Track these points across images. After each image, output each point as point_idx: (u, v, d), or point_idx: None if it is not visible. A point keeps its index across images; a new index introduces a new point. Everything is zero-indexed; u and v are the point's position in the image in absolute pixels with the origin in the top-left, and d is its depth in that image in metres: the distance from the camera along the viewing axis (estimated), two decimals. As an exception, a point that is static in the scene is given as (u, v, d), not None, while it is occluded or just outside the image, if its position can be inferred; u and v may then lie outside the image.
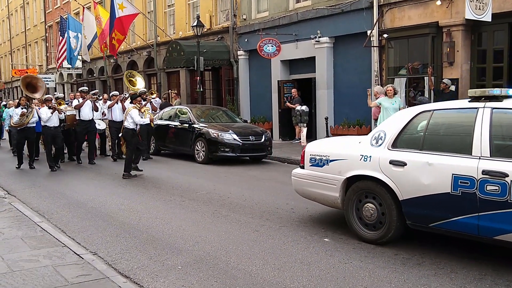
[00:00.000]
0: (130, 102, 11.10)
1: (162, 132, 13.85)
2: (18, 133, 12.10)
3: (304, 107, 14.25)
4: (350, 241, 5.66)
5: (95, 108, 12.83)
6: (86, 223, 6.76)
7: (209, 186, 9.38)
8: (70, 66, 27.47)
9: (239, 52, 18.71)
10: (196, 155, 12.68)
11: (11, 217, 6.86)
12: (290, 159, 12.65)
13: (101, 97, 14.29)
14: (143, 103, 11.53)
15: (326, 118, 14.65)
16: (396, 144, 5.34)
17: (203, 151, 12.49)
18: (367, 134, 6.08)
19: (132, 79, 15.20)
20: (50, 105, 11.58)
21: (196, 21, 17.44)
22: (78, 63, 27.07)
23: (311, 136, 15.76)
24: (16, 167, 11.95)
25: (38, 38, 40.10)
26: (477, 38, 11.57)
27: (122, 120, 13.05)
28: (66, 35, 25.21)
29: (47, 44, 38.19)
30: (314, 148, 6.32)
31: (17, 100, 20.03)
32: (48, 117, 11.46)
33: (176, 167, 11.92)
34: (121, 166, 10.86)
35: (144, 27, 25.02)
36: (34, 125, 11.83)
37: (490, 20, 10.52)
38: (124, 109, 12.93)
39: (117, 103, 13.31)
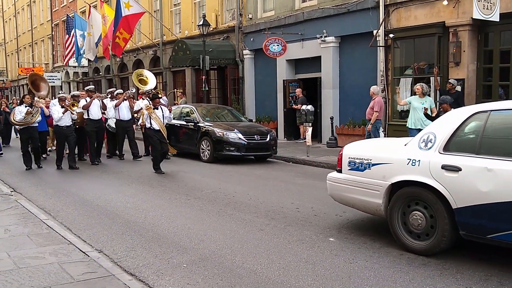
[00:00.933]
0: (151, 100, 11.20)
1: (168, 131, 13.84)
2: (21, 132, 11.82)
3: (309, 107, 14.21)
4: (355, 241, 5.65)
5: (104, 107, 12.62)
6: (92, 221, 6.79)
7: (214, 185, 9.39)
8: (76, 64, 27.56)
9: (245, 52, 18.71)
10: (201, 154, 12.70)
11: (18, 215, 6.90)
12: (295, 159, 12.65)
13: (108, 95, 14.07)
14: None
15: (332, 118, 14.64)
16: (448, 147, 4.92)
17: (208, 150, 12.51)
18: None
19: (142, 77, 14.79)
20: (63, 104, 11.34)
21: (202, 20, 17.45)
22: (84, 62, 27.16)
23: (316, 135, 15.76)
24: (26, 169, 11.43)
25: (45, 36, 40.27)
26: (484, 38, 11.51)
27: (130, 119, 13.05)
28: (73, 33, 25.31)
29: (54, 43, 38.34)
30: (353, 151, 5.88)
31: (16, 98, 20.01)
32: (60, 116, 11.23)
33: (181, 165, 11.93)
34: (127, 165, 10.92)
35: (150, 26, 25.07)
36: (37, 124, 11.63)
37: (498, 20, 10.46)
38: (132, 107, 12.87)
39: (124, 101, 13.05)
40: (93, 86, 13.87)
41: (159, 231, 6.21)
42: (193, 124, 13.12)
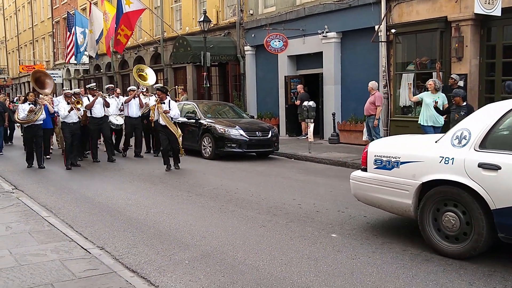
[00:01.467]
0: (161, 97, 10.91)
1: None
2: (25, 131, 11.66)
3: (311, 103, 14.17)
4: (358, 237, 5.63)
5: (107, 104, 12.40)
6: (93, 217, 6.78)
7: (216, 181, 9.38)
8: (76, 62, 27.54)
9: (246, 48, 18.66)
10: (203, 151, 12.68)
11: (19, 212, 6.89)
12: (297, 155, 12.63)
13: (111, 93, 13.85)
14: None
15: (333, 114, 14.60)
16: (485, 144, 4.64)
17: (210, 146, 12.49)
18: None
19: (142, 73, 14.67)
20: (69, 101, 11.15)
21: (202, 17, 17.40)
22: (85, 59, 27.14)
23: (318, 132, 15.73)
24: (28, 167, 11.37)
25: (45, 34, 40.24)
26: (486, 33, 11.45)
27: (139, 116, 12.93)
28: (73, 30, 25.28)
29: (54, 40, 38.31)
30: (380, 148, 5.60)
31: (22, 95, 19.85)
32: (66, 113, 11.04)
33: (183, 162, 11.88)
34: (129, 162, 10.90)
35: (151, 23, 25.02)
36: (41, 122, 11.41)
37: (499, 14, 10.40)
38: (142, 105, 12.79)
39: (134, 98, 12.87)
40: (94, 84, 13.67)
41: (161, 227, 6.20)
42: (194, 121, 13.09)
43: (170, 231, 6.03)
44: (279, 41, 15.54)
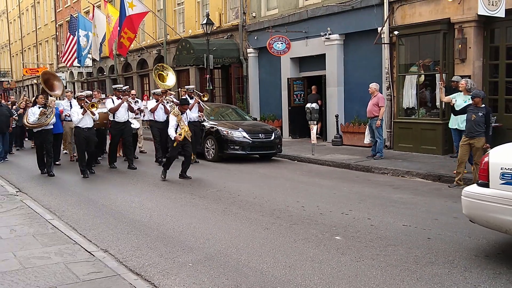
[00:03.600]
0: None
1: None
2: (35, 136, 11.04)
3: (314, 105, 14.19)
4: (362, 239, 5.62)
5: (131, 109, 11.69)
6: (97, 220, 6.79)
7: (219, 183, 9.37)
8: (79, 65, 27.62)
9: (249, 50, 18.67)
10: (206, 153, 12.68)
11: (23, 215, 6.91)
12: (300, 157, 12.62)
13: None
14: (191, 102, 11.36)
15: (337, 116, 14.58)
16: None
17: (213, 149, 12.49)
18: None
19: (162, 73, 13.68)
20: (82, 104, 10.35)
21: (205, 19, 17.41)
22: (88, 62, 27.21)
23: (321, 133, 15.72)
24: (41, 173, 10.77)
25: (49, 37, 40.37)
26: (490, 34, 11.41)
27: (165, 121, 11.88)
28: (76, 33, 25.34)
29: (58, 43, 38.42)
30: (508, 159, 4.65)
31: (30, 99, 19.39)
32: (79, 118, 10.24)
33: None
34: (142, 165, 10.89)
35: (154, 26, 25.07)
36: (52, 126, 10.82)
37: (503, 16, 10.37)
38: (167, 111, 11.94)
39: (162, 104, 12.19)
40: (121, 85, 12.62)
41: (164, 230, 6.20)
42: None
43: (173, 234, 6.03)
44: (281, 43, 15.54)
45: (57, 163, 11.94)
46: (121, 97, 11.53)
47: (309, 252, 5.21)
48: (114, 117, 11.46)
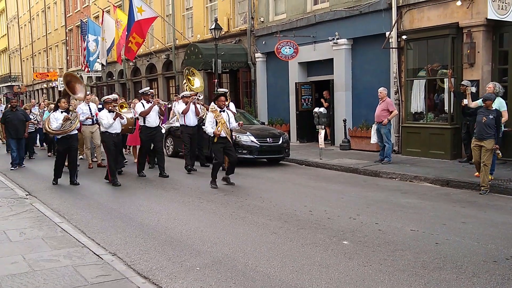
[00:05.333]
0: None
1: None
2: (58, 142, 10.18)
3: (321, 109, 14.17)
4: (369, 244, 5.60)
5: (162, 113, 11.12)
6: (106, 224, 6.83)
7: (227, 187, 9.39)
8: (88, 69, 27.82)
9: (257, 55, 18.71)
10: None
11: (32, 218, 6.97)
12: (308, 161, 12.61)
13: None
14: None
15: (345, 120, 14.57)
16: None
17: (221, 153, 12.47)
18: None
19: (190, 77, 13.16)
20: (110, 107, 9.85)
21: (214, 24, 17.50)
22: (98, 66, 27.40)
23: (330, 137, 15.68)
24: (53, 183, 10.00)
25: (59, 41, 40.73)
26: (499, 38, 11.36)
27: (196, 125, 11.56)
28: (86, 38, 25.59)
29: (68, 48, 38.77)
30: None
31: (48, 102, 17.81)
32: (110, 122, 9.70)
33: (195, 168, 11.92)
34: (151, 172, 10.94)
35: (163, 30, 25.22)
36: (76, 131, 10.18)
37: (513, 20, 10.35)
38: (198, 113, 11.61)
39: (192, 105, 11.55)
40: (148, 88, 11.88)
41: (172, 234, 6.22)
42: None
43: (181, 238, 6.05)
44: (289, 48, 15.56)
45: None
46: (151, 100, 10.88)
47: (316, 257, 5.21)
48: (144, 122, 10.80)
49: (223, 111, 9.46)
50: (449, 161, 11.46)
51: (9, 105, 13.81)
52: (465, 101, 10.22)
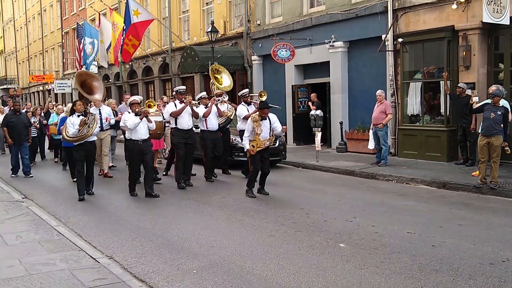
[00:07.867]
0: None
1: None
2: (75, 149, 8.96)
3: (318, 112, 14.19)
4: (366, 246, 5.61)
5: (195, 115, 10.16)
6: (102, 227, 6.82)
7: (224, 190, 9.39)
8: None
9: (253, 57, 18.73)
10: (211, 160, 12.64)
11: (29, 221, 6.95)
12: (305, 164, 12.62)
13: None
14: (250, 110, 10.69)
15: (341, 123, 14.59)
16: None
17: (218, 155, 12.46)
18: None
19: (217, 75, 12.50)
20: (137, 109, 8.83)
21: (210, 27, 17.51)
22: (94, 69, 27.36)
23: (326, 140, 15.70)
24: (80, 199, 8.72)
25: (55, 44, 40.67)
26: (494, 41, 11.42)
27: (218, 130, 10.78)
28: (82, 41, 25.55)
29: (64, 50, 38.70)
30: None
31: (63, 105, 16.11)
32: (137, 123, 8.65)
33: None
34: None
35: (159, 33, 25.22)
36: (95, 138, 9.33)
37: (508, 23, 10.38)
38: (220, 114, 10.78)
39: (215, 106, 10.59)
40: (183, 87, 10.61)
41: (169, 237, 6.22)
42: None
43: (178, 241, 6.05)
44: (286, 51, 15.59)
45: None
46: (184, 99, 9.96)
47: (313, 259, 5.22)
48: (176, 124, 9.95)
49: (265, 118, 8.82)
50: (445, 163, 11.50)
51: (12, 108, 12.59)
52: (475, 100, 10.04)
